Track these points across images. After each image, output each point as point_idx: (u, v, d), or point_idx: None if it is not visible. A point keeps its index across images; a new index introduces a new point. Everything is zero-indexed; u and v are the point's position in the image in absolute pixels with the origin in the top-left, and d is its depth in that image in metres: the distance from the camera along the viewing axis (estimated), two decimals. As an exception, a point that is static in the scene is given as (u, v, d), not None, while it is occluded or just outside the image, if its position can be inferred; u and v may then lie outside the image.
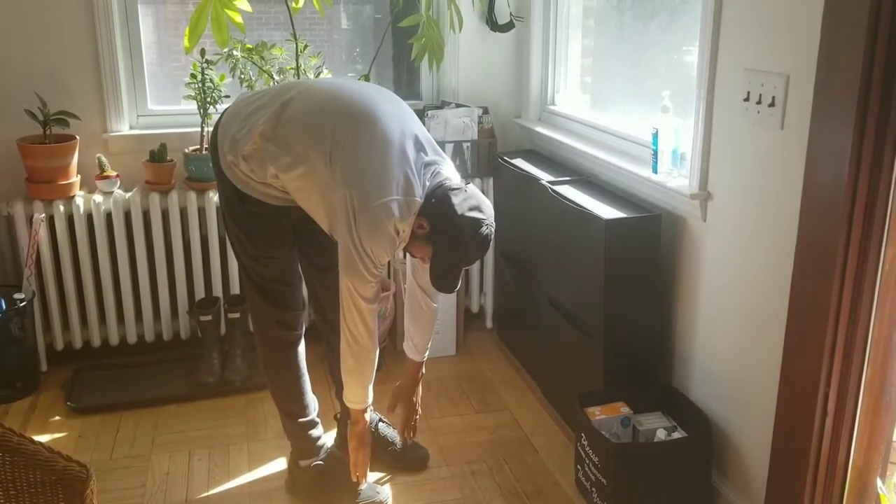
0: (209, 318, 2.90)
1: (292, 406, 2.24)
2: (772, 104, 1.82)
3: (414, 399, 2.26)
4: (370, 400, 2.03)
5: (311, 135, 1.85)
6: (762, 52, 1.86)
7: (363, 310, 1.89)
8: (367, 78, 3.05)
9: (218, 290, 3.02)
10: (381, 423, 2.45)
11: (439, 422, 2.69)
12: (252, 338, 2.23)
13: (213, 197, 2.90)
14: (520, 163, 2.98)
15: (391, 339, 3.11)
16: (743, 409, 2.07)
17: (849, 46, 1.57)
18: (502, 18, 3.22)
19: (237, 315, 2.91)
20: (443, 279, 1.90)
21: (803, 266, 1.77)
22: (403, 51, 3.28)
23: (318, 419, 2.28)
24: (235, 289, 3.03)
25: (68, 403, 2.74)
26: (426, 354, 2.22)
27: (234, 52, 2.80)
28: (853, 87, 1.56)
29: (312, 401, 2.28)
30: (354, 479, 2.11)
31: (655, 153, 2.29)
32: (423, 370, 2.25)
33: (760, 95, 1.85)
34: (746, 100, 1.90)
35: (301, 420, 2.24)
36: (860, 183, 1.61)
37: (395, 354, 3.06)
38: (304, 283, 2.26)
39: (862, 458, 1.79)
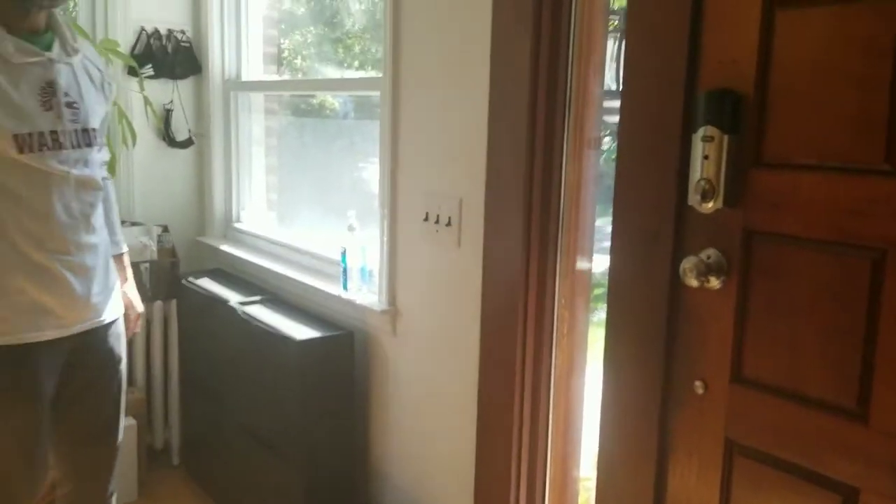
0: None
1: None
2: (448, 223, 1.94)
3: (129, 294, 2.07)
4: None
5: None
6: (437, 176, 1.99)
7: None
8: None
9: None
10: None
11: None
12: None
13: None
14: (206, 283, 2.83)
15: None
16: (444, 520, 2.09)
17: (511, 173, 1.74)
18: (180, 135, 3.11)
19: None
20: None
21: (486, 375, 1.87)
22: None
23: None
24: None
25: None
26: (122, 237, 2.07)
27: None
28: (517, 209, 1.73)
29: None
30: None
31: (345, 270, 2.31)
32: (127, 259, 2.09)
33: (438, 216, 1.96)
34: (426, 219, 2.01)
35: None
36: (530, 294, 1.76)
37: None
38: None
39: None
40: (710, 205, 1.31)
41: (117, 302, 1.92)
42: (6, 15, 1.65)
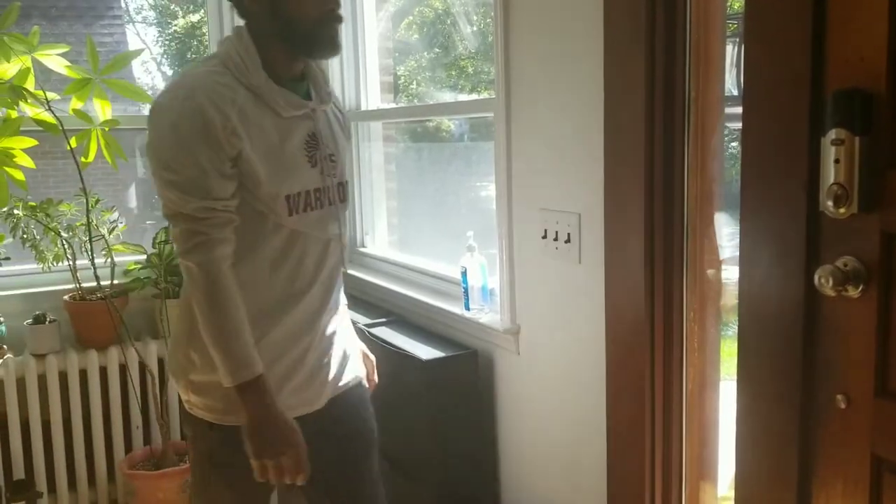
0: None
1: None
2: (568, 240, 1.93)
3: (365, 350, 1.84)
4: (256, 367, 1.41)
5: None
6: (554, 192, 1.99)
7: (195, 265, 1.40)
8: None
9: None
10: None
11: None
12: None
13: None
14: (334, 307, 2.93)
15: None
16: (576, 540, 2.06)
17: (630, 186, 1.71)
18: (306, 166, 3.24)
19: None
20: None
21: (615, 392, 1.84)
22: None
23: None
24: (20, 473, 2.66)
25: None
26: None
27: (16, 211, 2.59)
28: (638, 222, 1.70)
29: None
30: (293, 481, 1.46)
31: (466, 290, 2.34)
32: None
33: (557, 233, 1.96)
34: (544, 237, 2.01)
35: None
36: (656, 309, 1.72)
37: None
38: None
39: (692, 577, 1.82)
40: (844, 210, 1.24)
41: (357, 362, 1.76)
42: (273, 62, 1.47)
